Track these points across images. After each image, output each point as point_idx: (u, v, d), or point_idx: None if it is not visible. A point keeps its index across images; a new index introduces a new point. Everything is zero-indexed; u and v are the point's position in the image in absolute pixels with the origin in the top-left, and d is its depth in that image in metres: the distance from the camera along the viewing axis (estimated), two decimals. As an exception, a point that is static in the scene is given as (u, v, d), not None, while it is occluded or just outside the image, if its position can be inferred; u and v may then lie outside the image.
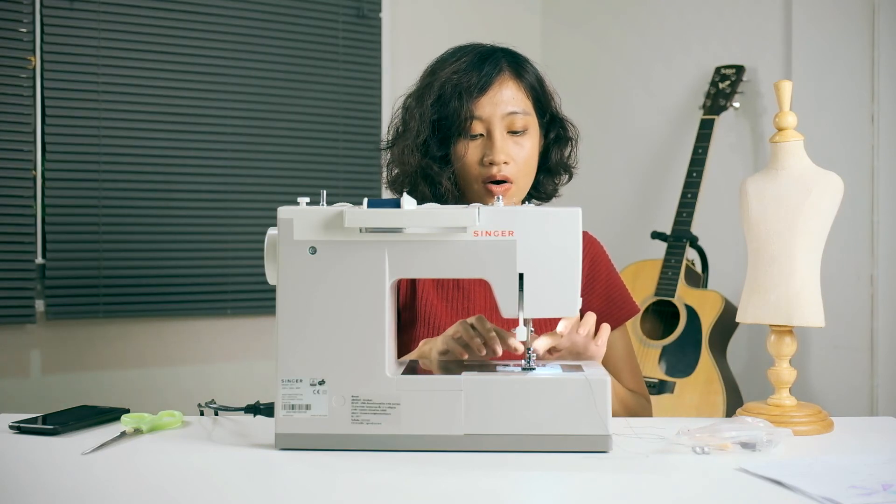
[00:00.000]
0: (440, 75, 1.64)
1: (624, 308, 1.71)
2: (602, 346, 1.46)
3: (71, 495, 1.14)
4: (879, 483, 1.12)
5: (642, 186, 3.49)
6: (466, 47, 1.68)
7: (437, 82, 1.63)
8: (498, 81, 1.63)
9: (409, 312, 1.68)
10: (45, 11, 2.82)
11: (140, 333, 3.03)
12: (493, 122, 1.62)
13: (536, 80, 1.68)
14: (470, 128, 1.62)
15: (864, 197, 2.85)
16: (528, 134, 1.64)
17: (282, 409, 1.32)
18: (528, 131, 1.64)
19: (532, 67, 1.69)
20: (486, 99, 1.62)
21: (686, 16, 3.37)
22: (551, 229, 1.33)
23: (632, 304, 1.73)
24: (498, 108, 1.62)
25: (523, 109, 1.63)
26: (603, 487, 1.16)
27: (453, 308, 1.67)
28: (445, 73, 1.63)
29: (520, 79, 1.65)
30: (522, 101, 1.64)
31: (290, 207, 1.33)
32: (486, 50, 1.67)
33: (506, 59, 1.66)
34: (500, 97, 1.62)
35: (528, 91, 1.66)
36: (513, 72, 1.65)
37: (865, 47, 2.87)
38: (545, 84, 1.70)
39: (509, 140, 1.62)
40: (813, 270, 1.46)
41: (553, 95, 1.71)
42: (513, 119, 1.62)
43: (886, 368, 2.82)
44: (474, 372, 1.34)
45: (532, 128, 1.65)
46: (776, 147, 1.50)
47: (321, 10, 3.28)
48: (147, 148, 2.99)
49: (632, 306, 1.73)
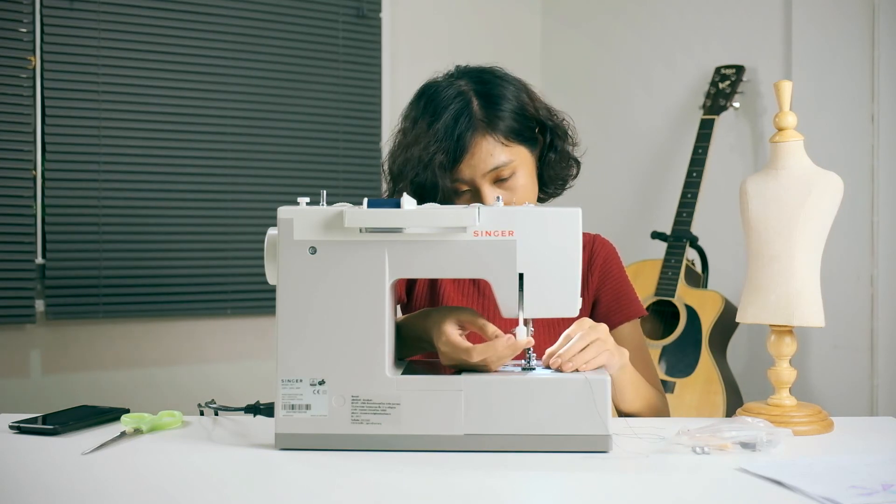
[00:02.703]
0: (413, 151, 1.58)
1: (632, 307, 1.72)
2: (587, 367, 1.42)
3: (71, 495, 1.14)
4: (879, 483, 1.12)
5: (642, 186, 3.49)
6: (437, 96, 1.61)
7: (413, 152, 1.58)
8: (473, 143, 1.57)
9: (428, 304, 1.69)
10: (45, 11, 2.82)
11: (140, 333, 3.03)
12: (477, 181, 1.58)
13: (515, 110, 1.60)
14: (454, 189, 1.59)
15: (864, 197, 2.85)
16: (518, 172, 1.60)
17: (282, 409, 1.32)
18: (517, 170, 1.60)
19: (510, 93, 1.61)
20: (465, 164, 1.57)
21: (686, 16, 3.37)
22: (551, 229, 1.33)
23: (639, 305, 1.73)
24: (478, 170, 1.57)
25: (505, 159, 1.58)
26: (603, 487, 1.16)
27: (470, 303, 1.68)
28: (418, 149, 1.58)
29: (495, 129, 1.58)
30: (503, 151, 1.58)
31: (290, 207, 1.33)
32: (456, 104, 1.59)
33: (479, 102, 1.59)
34: (479, 158, 1.57)
35: (508, 133, 1.59)
36: (487, 123, 1.57)
37: (865, 47, 2.87)
38: (526, 104, 1.62)
39: (498, 189, 1.59)
40: (813, 270, 1.46)
41: (538, 106, 1.65)
42: (497, 172, 1.58)
43: (886, 368, 2.82)
44: (474, 372, 1.34)
45: (521, 163, 1.60)
46: (776, 147, 1.50)
47: (321, 10, 3.28)
48: (147, 148, 2.99)
49: (639, 307, 1.73)
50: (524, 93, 1.64)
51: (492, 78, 1.64)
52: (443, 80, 1.65)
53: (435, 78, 1.68)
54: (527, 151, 1.63)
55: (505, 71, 1.68)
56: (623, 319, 1.70)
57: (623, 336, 1.70)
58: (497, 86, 1.62)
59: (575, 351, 1.35)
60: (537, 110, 1.64)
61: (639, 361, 1.66)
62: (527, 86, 1.67)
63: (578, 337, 1.37)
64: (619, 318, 1.70)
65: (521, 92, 1.64)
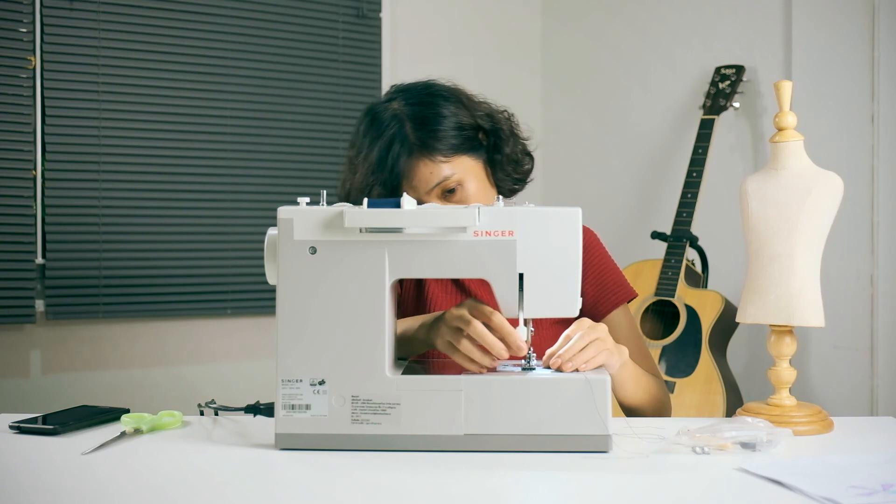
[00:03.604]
0: (356, 180, 1.59)
1: (619, 292, 1.70)
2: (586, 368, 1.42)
3: (71, 495, 1.14)
4: (879, 483, 1.12)
5: (642, 186, 3.49)
6: (374, 122, 1.60)
7: (356, 181, 1.59)
8: (409, 167, 1.57)
9: (414, 305, 1.69)
10: (45, 11, 2.82)
11: (140, 333, 3.03)
12: (423, 199, 1.58)
13: (452, 126, 1.58)
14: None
15: (864, 197, 2.85)
16: (465, 182, 1.59)
17: (282, 409, 1.32)
18: (464, 180, 1.59)
19: (445, 109, 1.59)
20: (406, 188, 1.57)
21: (686, 16, 3.37)
22: (551, 229, 1.33)
23: (628, 288, 1.72)
24: (420, 190, 1.57)
25: (448, 173, 1.57)
26: (603, 487, 1.16)
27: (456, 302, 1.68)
28: (359, 178, 1.58)
29: (432, 149, 1.56)
30: (444, 167, 1.57)
31: (290, 207, 1.33)
32: (390, 131, 1.57)
33: (412, 125, 1.57)
34: (419, 180, 1.57)
35: (446, 150, 1.57)
36: (422, 146, 1.57)
37: (865, 47, 2.87)
38: (462, 116, 1.60)
39: (448, 201, 1.59)
40: (813, 270, 1.46)
41: (476, 113, 1.62)
42: (441, 187, 1.57)
43: (886, 368, 2.82)
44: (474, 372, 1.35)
45: (466, 172, 1.59)
46: (776, 147, 1.50)
47: (321, 10, 3.28)
48: (147, 148, 2.99)
49: (627, 290, 1.71)
50: (460, 103, 1.62)
51: (425, 97, 1.62)
52: (380, 104, 1.63)
53: (376, 100, 1.67)
54: (471, 160, 1.61)
55: (439, 84, 1.66)
56: (611, 307, 1.69)
57: (614, 323, 1.68)
58: (430, 105, 1.60)
59: (575, 351, 1.35)
60: (475, 118, 1.62)
61: (632, 347, 1.65)
62: (462, 95, 1.65)
63: (578, 337, 1.37)
64: (606, 306, 1.69)
65: (456, 104, 1.62)
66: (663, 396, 1.67)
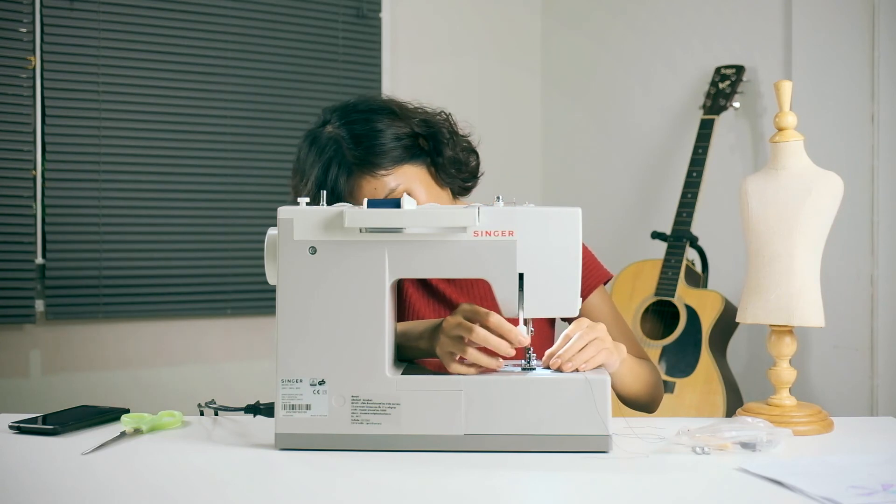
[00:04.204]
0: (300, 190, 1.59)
1: (593, 274, 1.68)
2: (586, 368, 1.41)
3: (71, 495, 1.14)
4: (879, 483, 1.12)
5: (642, 186, 3.49)
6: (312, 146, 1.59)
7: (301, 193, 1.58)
8: (351, 186, 1.56)
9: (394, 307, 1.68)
10: (45, 11, 2.82)
11: (140, 333, 3.03)
12: None
13: (388, 139, 1.58)
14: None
15: (864, 197, 2.85)
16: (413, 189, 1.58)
17: (282, 409, 1.32)
18: (411, 188, 1.58)
19: (380, 123, 1.59)
20: (353, 202, 1.56)
21: (686, 16, 3.37)
22: (551, 229, 1.33)
23: (602, 270, 1.70)
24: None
25: (393, 185, 1.56)
26: (603, 487, 1.16)
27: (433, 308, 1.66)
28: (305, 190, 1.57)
29: (372, 165, 1.56)
30: (387, 180, 1.56)
31: (290, 207, 1.33)
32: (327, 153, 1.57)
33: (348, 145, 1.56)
34: (364, 196, 1.55)
35: (386, 163, 1.56)
36: (360, 163, 1.56)
37: (865, 47, 2.87)
38: (398, 127, 1.59)
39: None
40: (813, 270, 1.46)
41: (411, 122, 1.61)
42: (388, 196, 1.56)
43: (886, 368, 2.82)
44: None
45: (411, 180, 1.58)
46: (776, 147, 1.50)
47: (321, 10, 3.28)
48: (147, 148, 2.99)
49: (602, 272, 1.70)
50: (394, 114, 1.61)
51: (358, 114, 1.61)
52: (316, 129, 1.63)
53: (311, 126, 1.65)
54: (414, 167, 1.60)
55: (370, 99, 1.66)
56: (587, 292, 1.67)
57: (593, 306, 1.67)
58: (364, 121, 1.60)
59: (574, 351, 1.35)
60: (411, 126, 1.61)
61: (614, 330, 1.64)
62: (395, 105, 1.64)
63: (577, 336, 1.37)
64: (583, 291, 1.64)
65: (390, 115, 1.61)
66: (656, 379, 1.68)
